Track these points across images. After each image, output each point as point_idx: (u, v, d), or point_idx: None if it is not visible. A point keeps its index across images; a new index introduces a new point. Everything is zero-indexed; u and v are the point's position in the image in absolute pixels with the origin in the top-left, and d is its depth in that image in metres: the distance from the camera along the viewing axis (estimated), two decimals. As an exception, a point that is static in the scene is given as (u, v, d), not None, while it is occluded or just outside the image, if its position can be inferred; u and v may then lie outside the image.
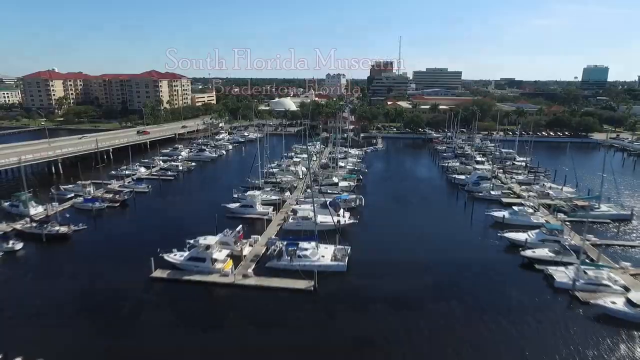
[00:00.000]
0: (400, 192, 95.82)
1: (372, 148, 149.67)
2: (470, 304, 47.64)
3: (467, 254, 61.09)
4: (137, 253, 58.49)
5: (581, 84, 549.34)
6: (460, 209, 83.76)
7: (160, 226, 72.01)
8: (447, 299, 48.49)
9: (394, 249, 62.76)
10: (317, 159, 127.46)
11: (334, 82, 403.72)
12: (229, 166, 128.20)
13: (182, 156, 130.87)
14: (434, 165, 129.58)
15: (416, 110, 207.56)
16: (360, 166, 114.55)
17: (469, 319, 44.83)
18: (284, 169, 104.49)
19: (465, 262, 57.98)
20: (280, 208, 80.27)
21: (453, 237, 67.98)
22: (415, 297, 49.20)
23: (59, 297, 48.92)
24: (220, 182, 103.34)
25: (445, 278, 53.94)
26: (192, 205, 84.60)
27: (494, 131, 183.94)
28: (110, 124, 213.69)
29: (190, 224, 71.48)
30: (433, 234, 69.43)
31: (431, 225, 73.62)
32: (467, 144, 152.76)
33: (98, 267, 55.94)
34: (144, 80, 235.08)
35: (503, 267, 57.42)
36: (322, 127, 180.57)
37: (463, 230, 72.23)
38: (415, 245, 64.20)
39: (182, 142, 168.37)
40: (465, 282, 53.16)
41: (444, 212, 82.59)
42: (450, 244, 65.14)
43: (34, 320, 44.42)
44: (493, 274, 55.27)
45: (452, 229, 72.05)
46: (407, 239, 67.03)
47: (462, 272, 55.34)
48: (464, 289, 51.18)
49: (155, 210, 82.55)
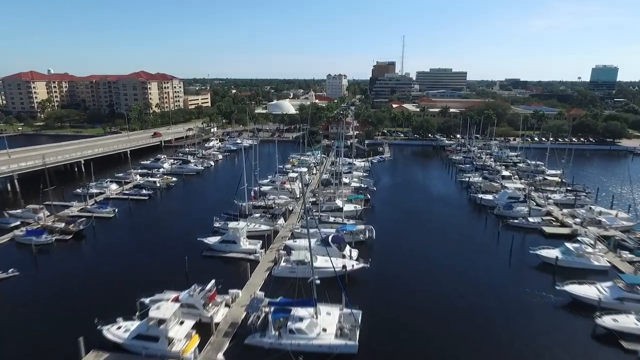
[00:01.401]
0: (416, 216, 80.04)
1: (379, 158, 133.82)
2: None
3: (519, 318, 45.29)
4: (68, 323, 42.72)
5: (589, 84, 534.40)
6: (491, 240, 68.02)
7: (113, 273, 55.61)
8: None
9: (417, 307, 47.06)
10: (317, 172, 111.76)
11: (335, 83, 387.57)
12: (216, 182, 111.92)
13: (163, 169, 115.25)
14: (450, 178, 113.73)
15: (424, 113, 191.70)
16: (367, 182, 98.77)
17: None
18: (278, 188, 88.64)
19: (518, 331, 42.26)
20: (271, 242, 64.58)
21: (493, 288, 52.01)
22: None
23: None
24: (202, 204, 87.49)
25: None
26: (161, 237, 68.70)
27: (512, 137, 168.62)
28: (95, 129, 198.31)
29: (153, 270, 55.89)
30: (466, 283, 53.35)
31: (461, 269, 57.40)
32: (484, 153, 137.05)
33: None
34: (131, 82, 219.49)
35: (574, 344, 41.46)
36: (323, 133, 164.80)
37: (502, 275, 56.35)
38: (446, 303, 48.31)
39: (168, 150, 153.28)
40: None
41: (474, 246, 66.58)
42: (492, 298, 49.24)
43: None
44: (562, 353, 39.41)
45: (489, 275, 56.04)
46: (433, 291, 51.07)
47: (520, 350, 39.55)
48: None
49: (113, 246, 66.16)
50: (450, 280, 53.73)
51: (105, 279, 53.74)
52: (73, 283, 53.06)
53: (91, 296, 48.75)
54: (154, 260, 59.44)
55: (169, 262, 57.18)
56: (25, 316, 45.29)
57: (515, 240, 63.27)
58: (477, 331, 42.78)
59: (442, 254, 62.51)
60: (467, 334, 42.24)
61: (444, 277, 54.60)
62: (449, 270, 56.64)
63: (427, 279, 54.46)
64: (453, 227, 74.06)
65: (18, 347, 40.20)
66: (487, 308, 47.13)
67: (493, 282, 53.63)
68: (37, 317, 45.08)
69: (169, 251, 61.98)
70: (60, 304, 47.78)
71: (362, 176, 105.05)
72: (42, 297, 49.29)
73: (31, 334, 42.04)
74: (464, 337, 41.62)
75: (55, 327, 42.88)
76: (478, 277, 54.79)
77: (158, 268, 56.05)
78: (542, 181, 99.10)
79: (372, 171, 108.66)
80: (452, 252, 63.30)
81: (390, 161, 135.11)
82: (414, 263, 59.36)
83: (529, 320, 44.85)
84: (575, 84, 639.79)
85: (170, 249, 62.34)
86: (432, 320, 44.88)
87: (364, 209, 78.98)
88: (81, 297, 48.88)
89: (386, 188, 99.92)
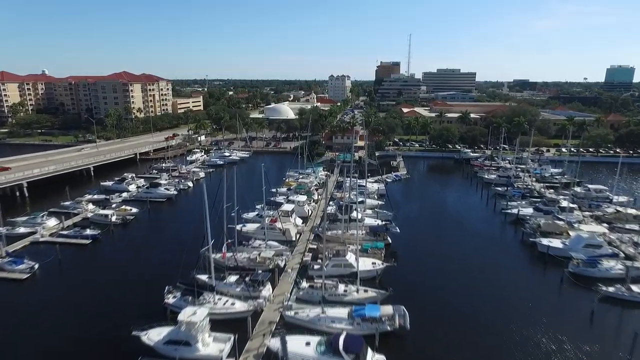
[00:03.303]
0: (461, 277, 56.52)
1: (394, 176, 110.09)
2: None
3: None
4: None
5: (604, 85, 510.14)
6: (582, 323, 44.85)
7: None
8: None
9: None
10: (318, 199, 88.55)
11: (338, 84, 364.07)
12: (190, 213, 79.46)
13: (127, 193, 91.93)
14: (486, 205, 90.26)
15: (441, 119, 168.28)
16: (385, 215, 75.50)
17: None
18: (267, 228, 65.03)
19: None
20: (250, 336, 41.29)
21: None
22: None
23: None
24: (162, 253, 63.68)
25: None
26: (80, 324, 45.18)
27: (545, 148, 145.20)
28: (68, 137, 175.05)
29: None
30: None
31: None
32: (519, 169, 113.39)
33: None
34: (111, 84, 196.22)
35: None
36: (326, 143, 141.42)
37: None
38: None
39: (145, 164, 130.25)
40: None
41: (566, 334, 43.19)
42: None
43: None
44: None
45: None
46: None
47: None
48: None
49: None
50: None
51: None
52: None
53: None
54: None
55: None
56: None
57: (622, 328, 40.21)
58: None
59: (520, 354, 39.08)
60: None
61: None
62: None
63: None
64: (520, 299, 50.56)
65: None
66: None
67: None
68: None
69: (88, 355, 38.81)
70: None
71: (378, 206, 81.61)
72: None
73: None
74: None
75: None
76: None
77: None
78: (615, 214, 75.59)
79: (388, 195, 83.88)
80: (533, 350, 39.85)
81: (407, 180, 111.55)
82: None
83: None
84: (588, 84, 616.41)
85: (93, 349, 39.13)
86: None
87: (386, 266, 55.46)
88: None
89: (409, 224, 76.08)
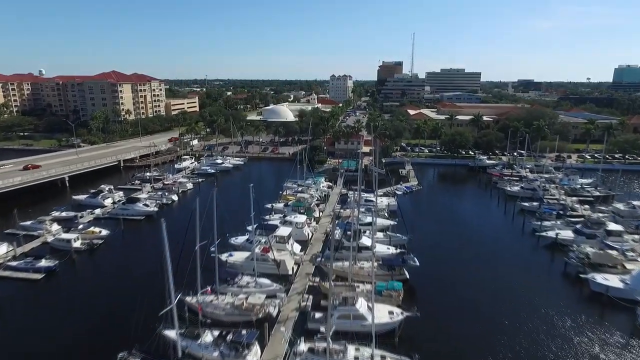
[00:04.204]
0: (497, 328, 44.81)
1: (405, 188, 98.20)
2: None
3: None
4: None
5: (612, 85, 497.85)
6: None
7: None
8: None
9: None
10: (319, 216, 76.82)
11: (340, 84, 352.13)
12: (171, 234, 60.89)
13: (99, 211, 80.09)
14: (511, 222, 78.68)
15: (451, 122, 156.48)
16: (399, 239, 63.88)
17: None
18: (258, 260, 53.11)
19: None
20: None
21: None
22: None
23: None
24: (122, 302, 50.89)
25: None
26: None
27: (566, 154, 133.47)
28: (51, 140, 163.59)
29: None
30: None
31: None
32: (543, 179, 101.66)
33: None
34: (98, 84, 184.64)
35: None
36: (328, 149, 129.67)
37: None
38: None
39: (130, 172, 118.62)
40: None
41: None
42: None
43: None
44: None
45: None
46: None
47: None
48: None
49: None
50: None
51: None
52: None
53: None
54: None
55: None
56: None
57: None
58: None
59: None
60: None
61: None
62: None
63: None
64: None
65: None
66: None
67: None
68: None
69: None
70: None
71: (390, 227, 69.74)
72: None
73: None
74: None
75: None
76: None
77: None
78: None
79: (402, 214, 70.92)
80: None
81: (419, 192, 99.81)
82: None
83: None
84: (595, 85, 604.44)
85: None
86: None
87: (407, 316, 43.59)
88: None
89: (428, 251, 63.84)
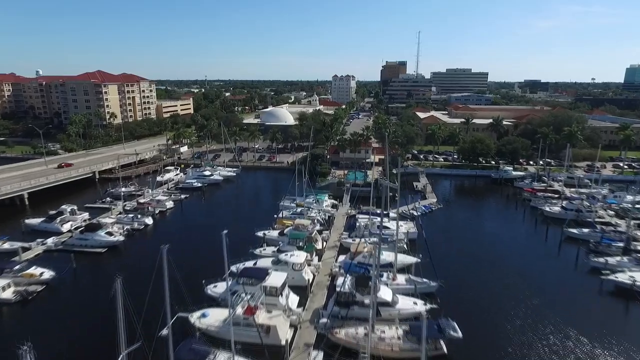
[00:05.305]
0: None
1: (424, 208, 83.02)
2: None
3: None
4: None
5: (623, 85, 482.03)
6: None
7: None
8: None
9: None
10: (323, 249, 61.91)
11: (342, 85, 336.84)
12: (135, 280, 34.16)
13: (51, 242, 65.01)
14: (557, 254, 63.88)
15: (468, 127, 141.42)
16: (427, 286, 48.99)
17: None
18: (242, 324, 38.09)
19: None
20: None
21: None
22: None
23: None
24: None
25: None
26: None
27: (599, 163, 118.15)
28: (28, 146, 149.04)
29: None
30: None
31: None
32: (578, 195, 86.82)
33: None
34: (81, 84, 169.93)
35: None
36: (331, 158, 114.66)
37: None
38: None
39: (106, 185, 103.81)
40: None
41: None
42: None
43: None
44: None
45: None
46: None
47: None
48: None
49: None
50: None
51: None
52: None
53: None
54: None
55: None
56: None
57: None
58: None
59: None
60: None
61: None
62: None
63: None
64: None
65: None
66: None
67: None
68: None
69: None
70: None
71: (412, 266, 54.51)
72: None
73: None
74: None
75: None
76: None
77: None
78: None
79: (429, 247, 54.66)
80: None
81: (440, 212, 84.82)
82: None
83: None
84: (605, 85, 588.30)
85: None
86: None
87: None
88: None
89: (465, 304, 48.97)
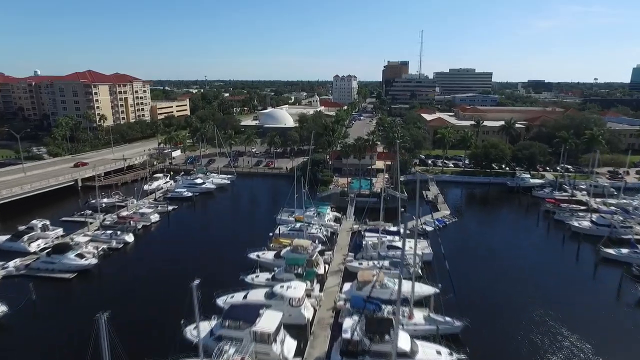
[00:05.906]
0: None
1: (437, 221, 73.91)
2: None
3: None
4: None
5: (630, 85, 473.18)
6: None
7: None
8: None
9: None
10: (325, 273, 53.45)
11: (344, 85, 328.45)
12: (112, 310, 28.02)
13: (12, 266, 56.61)
14: (591, 279, 55.66)
15: (479, 130, 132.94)
16: (451, 325, 40.57)
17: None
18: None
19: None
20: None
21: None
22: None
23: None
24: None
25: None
26: None
27: (622, 169, 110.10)
28: (10, 151, 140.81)
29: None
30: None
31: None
32: (605, 206, 78.43)
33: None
34: (70, 85, 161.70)
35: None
36: (333, 164, 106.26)
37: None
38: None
39: (89, 193, 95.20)
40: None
41: None
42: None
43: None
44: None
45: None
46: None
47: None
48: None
49: None
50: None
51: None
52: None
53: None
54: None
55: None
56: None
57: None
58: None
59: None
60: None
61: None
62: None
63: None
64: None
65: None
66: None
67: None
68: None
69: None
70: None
71: (431, 298, 45.87)
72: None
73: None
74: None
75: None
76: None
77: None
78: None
79: (450, 273, 45.69)
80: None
81: (455, 226, 76.27)
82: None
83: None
84: (612, 85, 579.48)
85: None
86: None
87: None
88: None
89: (493, 348, 40.55)
